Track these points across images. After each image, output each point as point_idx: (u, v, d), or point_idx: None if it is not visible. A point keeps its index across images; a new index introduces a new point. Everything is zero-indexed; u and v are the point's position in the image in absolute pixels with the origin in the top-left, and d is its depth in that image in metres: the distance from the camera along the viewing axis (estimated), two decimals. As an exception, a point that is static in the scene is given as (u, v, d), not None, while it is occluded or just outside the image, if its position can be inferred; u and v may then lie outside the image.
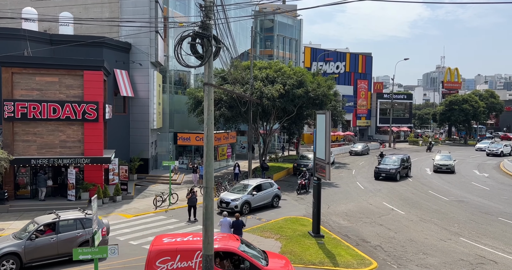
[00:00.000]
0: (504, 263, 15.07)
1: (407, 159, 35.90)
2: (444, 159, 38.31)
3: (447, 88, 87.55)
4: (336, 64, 70.62)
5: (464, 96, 74.57)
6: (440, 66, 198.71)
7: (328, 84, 36.33)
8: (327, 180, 17.82)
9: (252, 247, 12.97)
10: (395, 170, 33.21)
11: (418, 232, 18.97)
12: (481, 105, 72.01)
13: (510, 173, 37.64)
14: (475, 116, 71.93)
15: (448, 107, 72.35)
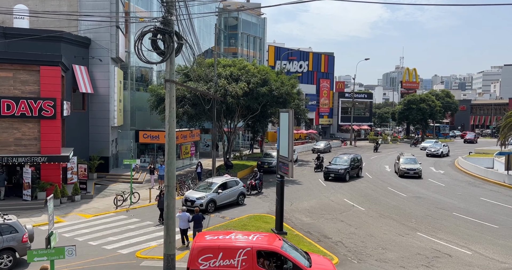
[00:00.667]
0: (458, 256, 15.74)
1: (358, 159, 35.04)
2: (410, 162, 35.14)
3: (405, 88, 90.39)
4: (299, 63, 71.37)
5: (421, 96, 77.22)
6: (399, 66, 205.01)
7: (291, 83, 36.69)
8: (290, 178, 17.99)
9: (295, 247, 12.65)
10: (344, 170, 32.07)
11: (377, 228, 19.50)
12: (437, 105, 74.82)
13: (464, 170, 39.32)
14: (432, 115, 74.65)
15: (406, 106, 74.70)
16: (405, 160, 35.46)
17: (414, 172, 34.04)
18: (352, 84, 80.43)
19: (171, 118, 11.59)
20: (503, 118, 42.43)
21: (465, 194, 28.12)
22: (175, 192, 12.20)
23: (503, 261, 15.23)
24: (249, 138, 53.63)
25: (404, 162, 35.18)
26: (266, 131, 51.50)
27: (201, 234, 12.65)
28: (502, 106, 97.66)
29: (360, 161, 35.41)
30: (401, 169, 34.41)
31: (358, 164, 34.50)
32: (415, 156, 38.15)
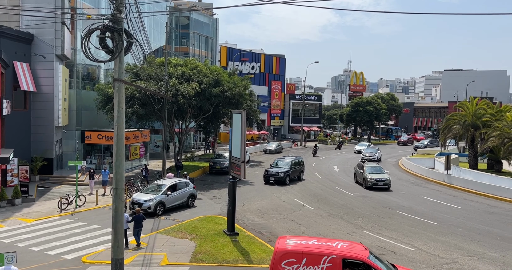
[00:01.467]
0: (402, 253, 16.44)
1: (300, 162, 33.93)
2: (376, 172, 31.05)
3: (353, 91, 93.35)
4: (251, 65, 71.76)
5: (368, 99, 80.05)
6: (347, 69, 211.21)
7: (244, 84, 36.80)
8: (242, 179, 18.03)
9: (380, 259, 11.93)
10: (284, 173, 30.94)
11: (326, 227, 19.98)
12: (383, 107, 77.87)
13: (408, 170, 41.17)
14: (377, 117, 77.60)
15: (354, 108, 77.17)
16: (370, 169, 31.26)
17: (383, 183, 29.94)
18: (303, 86, 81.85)
19: (120, 119, 11.26)
20: (443, 120, 44.95)
21: (409, 193, 29.44)
22: (123, 195, 11.87)
23: (443, 257, 16.09)
24: (201, 139, 53.21)
25: (369, 171, 30.96)
26: (218, 132, 51.33)
27: (283, 238, 12.10)
28: (442, 109, 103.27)
29: (302, 164, 34.38)
30: (368, 180, 30.04)
31: (299, 167, 33.55)
32: (379, 165, 34.62)
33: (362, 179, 31.20)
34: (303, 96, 75.86)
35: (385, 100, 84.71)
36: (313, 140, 76.76)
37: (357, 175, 33.06)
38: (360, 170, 32.44)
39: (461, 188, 31.33)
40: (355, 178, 33.55)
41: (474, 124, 38.78)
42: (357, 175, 32.89)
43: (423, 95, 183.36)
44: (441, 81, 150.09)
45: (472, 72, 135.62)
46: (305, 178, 33.82)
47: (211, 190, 28.72)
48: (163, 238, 17.10)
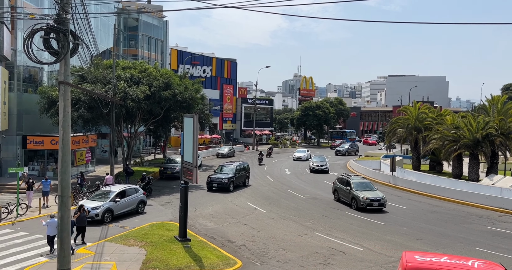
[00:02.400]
0: (351, 253, 16.91)
1: (245, 167, 32.83)
2: (367, 188, 25.61)
3: (303, 95, 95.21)
4: (202, 68, 71.35)
5: (317, 103, 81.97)
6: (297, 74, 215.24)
7: (195, 88, 36.52)
8: (194, 183, 17.83)
9: None
10: (228, 179, 29.77)
11: (278, 229, 20.18)
12: (331, 111, 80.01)
13: (356, 172, 42.45)
14: (326, 121, 79.60)
15: (304, 112, 78.72)
16: (359, 185, 25.57)
17: (379, 203, 24.37)
18: (254, 91, 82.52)
19: (66, 123, 10.80)
20: (388, 124, 46.86)
21: (357, 194, 30.33)
22: (69, 203, 11.38)
23: (390, 255, 16.72)
24: (151, 143, 52.09)
25: (358, 187, 25.29)
26: (169, 136, 50.52)
27: (410, 254, 11.21)
28: (387, 113, 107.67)
29: (247, 169, 33.39)
30: (361, 200, 24.27)
31: (244, 173, 32.50)
32: (366, 180, 28.44)
33: (352, 198, 25.06)
34: (255, 100, 76.43)
35: (334, 104, 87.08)
36: (265, 143, 77.42)
37: (339, 192, 26.95)
38: (345, 186, 26.23)
39: (405, 188, 32.73)
40: (335, 195, 27.40)
41: (417, 127, 40.70)
42: (340, 192, 26.79)
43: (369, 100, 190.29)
44: (386, 86, 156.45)
45: (415, 78, 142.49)
46: (250, 184, 32.90)
47: (162, 195, 28.18)
48: (111, 246, 16.54)
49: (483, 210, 25.81)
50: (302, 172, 41.82)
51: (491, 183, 30.29)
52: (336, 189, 27.62)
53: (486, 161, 33.51)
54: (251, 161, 47.75)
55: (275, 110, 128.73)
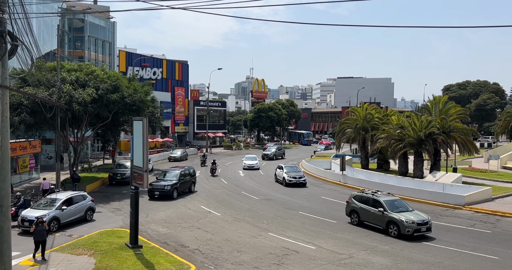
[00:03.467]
0: (304, 252, 17.18)
1: (190, 173, 31.38)
2: (401, 207, 20.31)
3: (255, 97, 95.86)
4: (153, 70, 70.05)
5: (269, 105, 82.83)
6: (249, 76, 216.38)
7: (145, 90, 35.77)
8: (145, 188, 17.44)
9: None
10: (171, 186, 28.03)
11: (233, 232, 20.14)
12: (283, 113, 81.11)
13: (307, 172, 43.24)
14: (279, 122, 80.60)
15: (257, 114, 79.27)
16: (392, 205, 20.07)
17: (427, 227, 19.19)
18: (207, 93, 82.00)
19: (4, 129, 10.22)
20: (338, 124, 48.15)
21: (309, 194, 30.93)
22: (9, 212, 10.77)
23: (341, 253, 17.14)
24: (100, 148, 50.44)
25: (393, 208, 19.79)
26: (119, 140, 49.13)
27: None
28: (336, 114, 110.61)
29: (193, 174, 32.04)
30: (406, 225, 18.80)
31: (190, 178, 30.97)
32: (386, 193, 22.12)
33: (386, 223, 19.73)
34: (208, 102, 76.05)
35: (285, 106, 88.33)
36: (218, 146, 77.15)
37: (360, 214, 21.38)
38: (372, 207, 20.70)
39: (355, 187, 33.69)
40: (353, 218, 21.74)
41: (364, 127, 42.08)
42: (364, 214, 21.20)
43: (319, 101, 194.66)
44: (335, 88, 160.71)
45: (362, 79, 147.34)
46: (196, 190, 31.44)
47: (112, 202, 27.35)
48: (58, 256, 15.82)
49: (428, 205, 27.07)
50: (256, 174, 42.03)
51: (434, 180, 31.86)
52: (355, 210, 21.39)
53: (430, 158, 35.21)
54: (204, 164, 47.41)
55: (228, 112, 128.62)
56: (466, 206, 25.88)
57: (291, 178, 34.21)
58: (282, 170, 35.61)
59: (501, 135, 66.16)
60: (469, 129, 37.69)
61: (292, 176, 34.31)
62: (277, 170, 36.90)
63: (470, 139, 36.41)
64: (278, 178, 36.18)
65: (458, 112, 36.65)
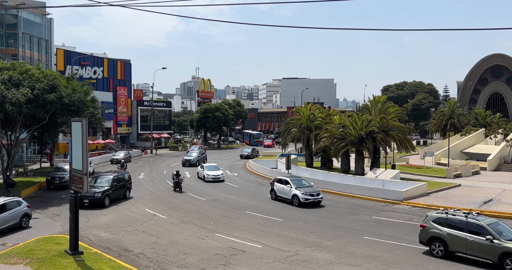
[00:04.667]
0: (251, 251, 17.27)
1: (124, 178, 29.19)
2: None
3: (202, 97, 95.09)
4: (93, 69, 67.49)
5: (216, 105, 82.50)
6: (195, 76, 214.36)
7: (84, 90, 34.41)
8: (84, 192, 16.72)
9: None
10: (102, 193, 25.76)
11: (179, 234, 19.84)
12: (230, 113, 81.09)
13: (254, 171, 43.56)
14: (226, 123, 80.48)
15: (203, 114, 78.67)
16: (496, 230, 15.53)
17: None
18: (151, 93, 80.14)
19: None
20: (283, 124, 48.87)
21: (256, 193, 31.15)
22: None
23: (287, 250, 17.40)
24: (37, 151, 47.85)
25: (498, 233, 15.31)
26: (57, 142, 46.86)
27: None
28: (282, 114, 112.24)
29: (128, 179, 29.72)
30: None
31: (124, 184, 28.69)
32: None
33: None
34: (152, 102, 74.33)
35: (232, 106, 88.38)
36: (164, 147, 75.74)
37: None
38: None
39: (300, 185, 34.38)
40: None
41: (308, 127, 43.04)
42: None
43: (265, 101, 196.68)
44: (280, 88, 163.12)
45: (306, 80, 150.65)
46: (132, 196, 29.33)
47: (50, 207, 26.01)
48: (-10, 268, 14.79)
49: (369, 201, 28.17)
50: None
51: (375, 176, 33.23)
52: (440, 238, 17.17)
53: (370, 156, 36.69)
54: (149, 166, 46.44)
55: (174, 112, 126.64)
56: (404, 201, 27.21)
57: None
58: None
59: (435, 133, 70.26)
60: (406, 128, 39.70)
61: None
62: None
63: (407, 137, 38.36)
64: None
65: (396, 112, 38.47)
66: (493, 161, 41.80)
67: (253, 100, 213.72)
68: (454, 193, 29.52)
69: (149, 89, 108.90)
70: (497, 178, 36.50)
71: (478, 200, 26.73)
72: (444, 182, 33.77)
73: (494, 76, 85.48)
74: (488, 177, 36.93)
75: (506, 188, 31.04)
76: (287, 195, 27.27)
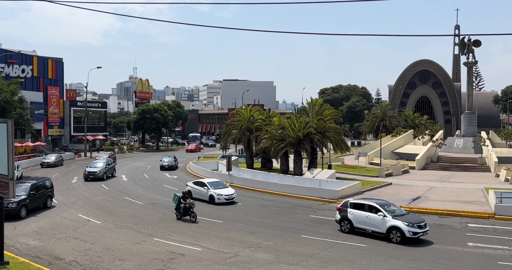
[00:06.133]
0: (190, 254, 17.05)
1: (45, 186, 26.54)
2: None
3: (139, 98, 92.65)
4: (21, 68, 63.51)
5: (155, 106, 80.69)
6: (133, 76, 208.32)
7: (11, 89, 32.36)
8: (10, 198, 15.66)
9: None
10: (17, 203, 23.08)
11: (114, 240, 19.15)
12: (169, 114, 79.67)
13: (195, 173, 43.09)
14: (165, 124, 78.93)
15: (141, 115, 76.62)
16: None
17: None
18: (85, 93, 76.74)
19: None
20: (224, 126, 48.85)
21: (195, 196, 30.79)
22: None
23: (226, 252, 17.39)
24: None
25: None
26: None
27: None
28: (223, 116, 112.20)
29: (50, 187, 27.29)
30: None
31: (45, 192, 26.24)
32: None
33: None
34: (86, 103, 71.21)
35: (172, 107, 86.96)
36: (99, 149, 72.80)
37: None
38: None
39: (241, 186, 34.55)
40: None
41: (249, 128, 43.36)
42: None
43: (206, 103, 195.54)
44: (221, 90, 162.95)
45: (247, 82, 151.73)
46: (54, 205, 26.97)
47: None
48: None
49: (306, 200, 28.90)
50: (140, 178, 40.59)
51: (312, 176, 34.15)
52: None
53: (308, 156, 37.67)
54: (82, 170, 44.29)
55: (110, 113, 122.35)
56: (339, 199, 28.15)
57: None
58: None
59: (368, 134, 73.56)
60: (341, 129, 41.16)
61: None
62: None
63: (342, 138, 39.84)
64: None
65: (332, 114, 39.82)
66: (420, 160, 44.50)
67: (194, 101, 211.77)
68: (385, 191, 31.06)
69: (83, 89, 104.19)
70: (425, 176, 38.92)
71: (407, 198, 28.32)
72: (377, 181, 35.44)
73: (421, 81, 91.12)
74: (416, 176, 39.28)
75: (432, 186, 33.19)
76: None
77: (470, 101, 55.20)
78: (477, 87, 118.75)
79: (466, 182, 35.07)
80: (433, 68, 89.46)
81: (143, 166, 50.50)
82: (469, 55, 55.30)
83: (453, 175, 39.44)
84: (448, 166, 43.97)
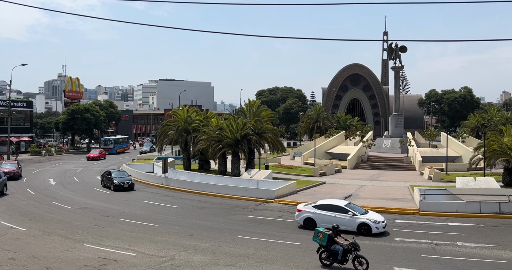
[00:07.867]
0: (123, 260, 16.45)
1: None
2: None
3: (69, 97, 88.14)
4: None
5: (86, 106, 77.15)
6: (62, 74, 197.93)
7: None
8: None
9: None
10: None
11: (41, 247, 18.01)
12: (102, 114, 76.52)
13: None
14: (96, 125, 75.69)
15: (71, 116, 72.89)
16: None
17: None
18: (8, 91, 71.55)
19: None
20: (160, 127, 47.77)
21: (129, 199, 29.83)
22: None
23: (162, 256, 16.98)
24: None
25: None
26: None
27: None
28: (159, 116, 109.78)
29: None
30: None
31: None
32: None
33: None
34: (9, 102, 66.35)
35: (104, 107, 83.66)
36: (24, 152, 68.22)
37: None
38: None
39: (177, 188, 33.97)
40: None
41: (186, 129, 42.76)
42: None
43: (141, 103, 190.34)
44: (157, 90, 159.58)
45: (184, 82, 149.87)
46: None
47: None
48: None
49: (244, 201, 29.03)
50: (70, 181, 38.58)
51: (250, 177, 34.40)
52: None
53: (245, 157, 37.86)
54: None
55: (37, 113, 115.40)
56: (276, 199, 28.66)
57: None
58: None
59: (303, 135, 75.49)
60: (278, 130, 41.88)
61: None
62: None
63: (279, 139, 40.54)
64: None
65: (269, 115, 40.37)
66: (352, 160, 46.42)
67: (128, 101, 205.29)
68: (319, 190, 32.03)
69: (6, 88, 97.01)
70: (356, 175, 40.67)
71: (340, 196, 29.39)
72: (311, 180, 36.47)
73: (353, 84, 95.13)
74: (348, 175, 40.93)
75: (363, 184, 34.76)
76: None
77: (397, 104, 58.52)
78: (403, 91, 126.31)
79: (393, 180, 37.13)
80: (364, 72, 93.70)
81: (72, 169, 48.04)
82: (396, 60, 58.63)
83: (382, 174, 41.56)
84: (377, 166, 46.28)
